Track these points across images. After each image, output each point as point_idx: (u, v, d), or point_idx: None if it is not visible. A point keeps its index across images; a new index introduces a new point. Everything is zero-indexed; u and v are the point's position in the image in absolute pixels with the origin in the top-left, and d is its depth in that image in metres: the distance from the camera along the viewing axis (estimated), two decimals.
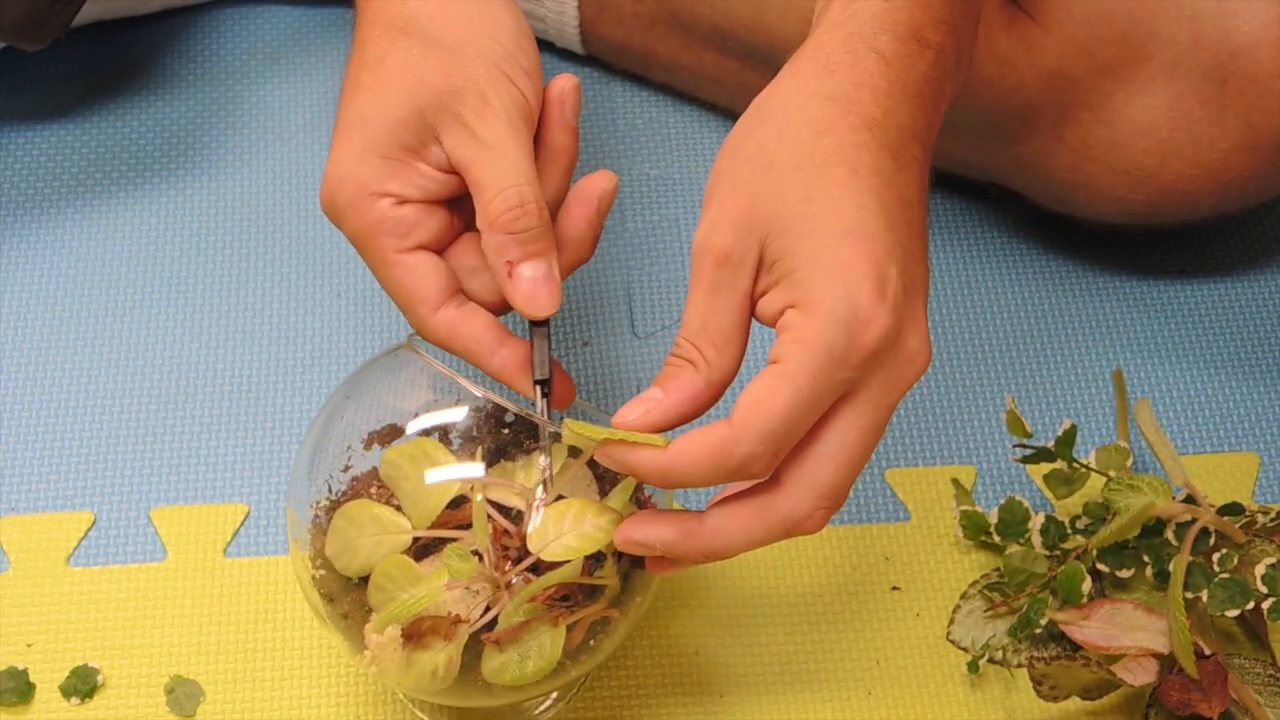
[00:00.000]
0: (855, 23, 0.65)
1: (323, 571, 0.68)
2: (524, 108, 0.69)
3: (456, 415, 0.70)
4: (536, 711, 0.77)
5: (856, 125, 0.63)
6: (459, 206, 0.71)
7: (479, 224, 0.68)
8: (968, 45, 0.69)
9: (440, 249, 0.71)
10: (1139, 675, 0.74)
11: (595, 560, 0.67)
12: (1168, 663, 0.73)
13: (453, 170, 0.69)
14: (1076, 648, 0.76)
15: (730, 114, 0.98)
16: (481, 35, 0.69)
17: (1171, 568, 0.76)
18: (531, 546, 0.66)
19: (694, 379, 0.64)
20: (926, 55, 0.66)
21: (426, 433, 0.69)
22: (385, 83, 0.69)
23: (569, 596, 0.67)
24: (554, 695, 0.77)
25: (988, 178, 0.92)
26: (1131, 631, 0.75)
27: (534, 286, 0.67)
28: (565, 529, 0.65)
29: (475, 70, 0.68)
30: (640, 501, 0.70)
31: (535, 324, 0.69)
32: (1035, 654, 0.79)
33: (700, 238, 0.64)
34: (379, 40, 0.70)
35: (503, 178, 0.67)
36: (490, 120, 0.67)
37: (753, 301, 0.64)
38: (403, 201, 0.69)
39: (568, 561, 0.66)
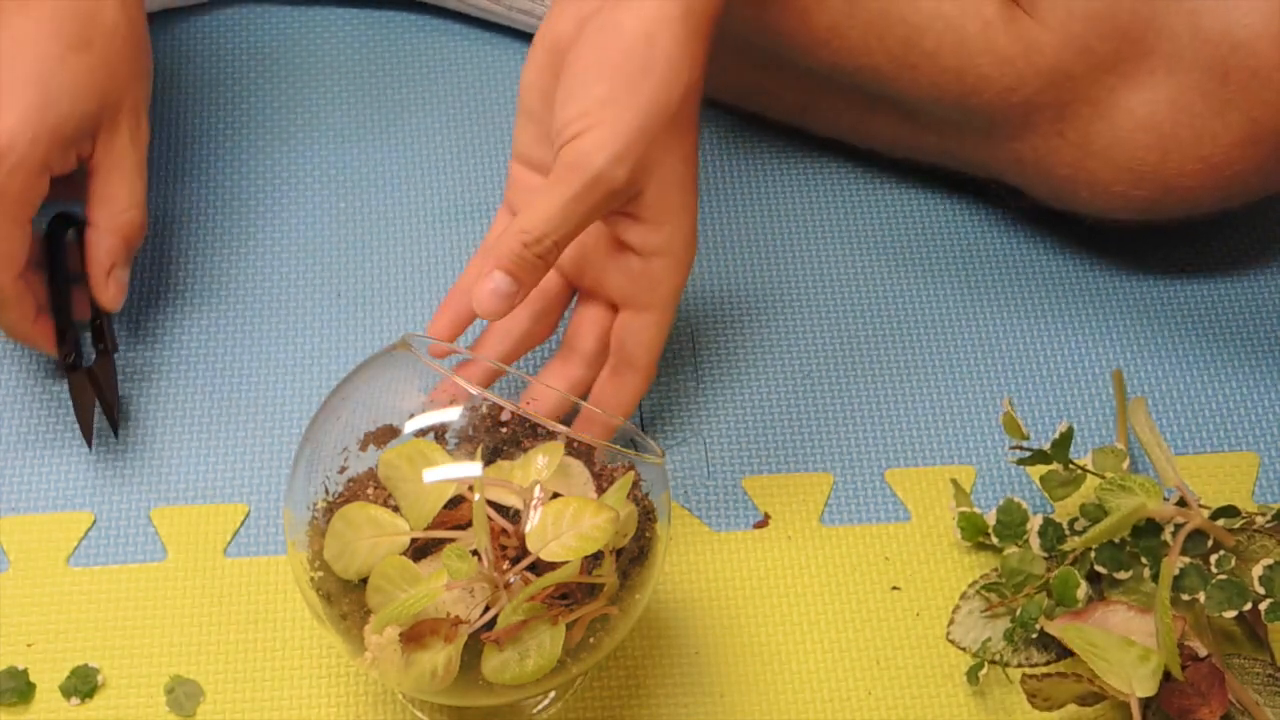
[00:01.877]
0: None
1: (321, 573, 0.68)
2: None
3: (452, 415, 0.70)
4: (535, 710, 0.77)
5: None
6: None
7: (102, 225, 0.82)
8: None
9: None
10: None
11: (593, 558, 0.67)
12: (1141, 704, 0.73)
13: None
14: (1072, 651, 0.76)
15: (730, 112, 0.98)
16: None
17: (1160, 570, 0.76)
18: (530, 546, 0.66)
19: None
20: None
21: (422, 433, 0.69)
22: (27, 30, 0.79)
23: (568, 595, 0.67)
24: (552, 694, 0.77)
25: (988, 175, 0.92)
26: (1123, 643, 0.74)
27: (121, 290, 0.83)
28: (564, 528, 0.65)
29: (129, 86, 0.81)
30: (638, 499, 0.70)
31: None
32: (1032, 657, 0.79)
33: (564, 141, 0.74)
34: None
35: (131, 197, 0.82)
36: (136, 141, 0.82)
37: None
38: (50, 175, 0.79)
39: (567, 561, 0.66)
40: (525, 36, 1.01)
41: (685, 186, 0.77)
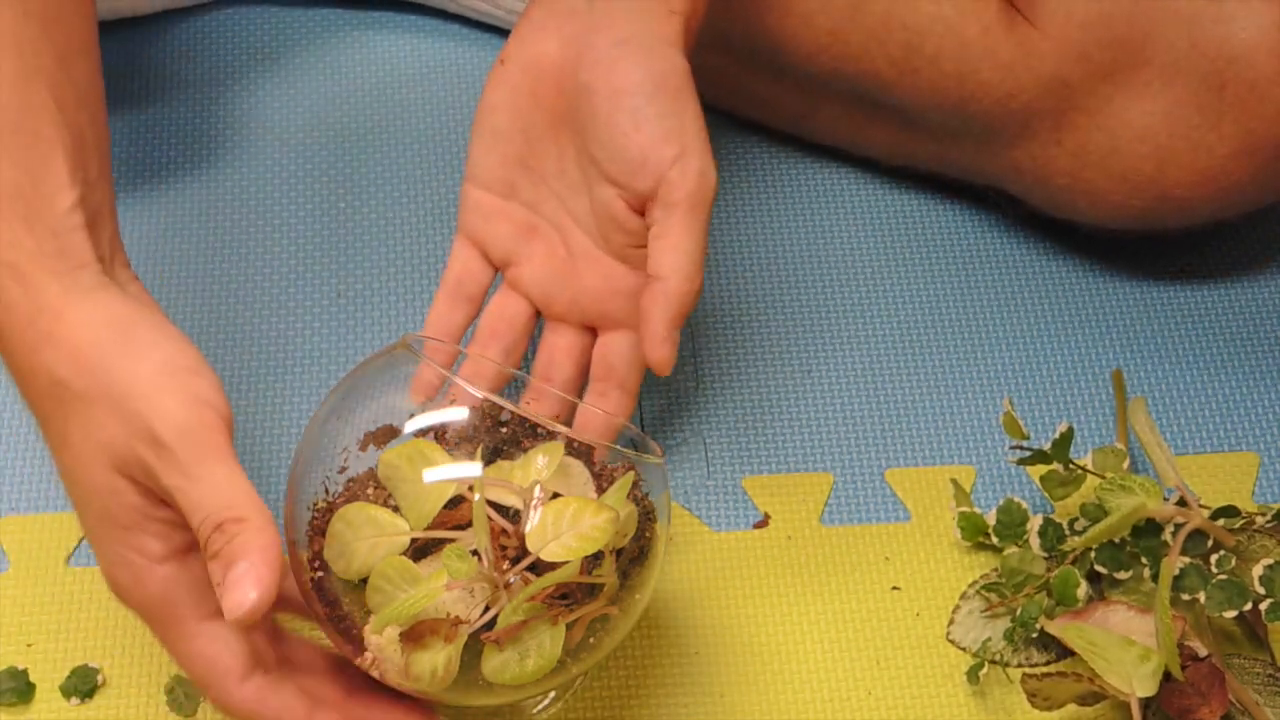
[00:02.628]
0: None
1: (321, 574, 0.68)
2: (202, 408, 0.63)
3: (453, 415, 0.70)
4: (535, 710, 0.77)
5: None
6: None
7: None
8: None
9: None
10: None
11: (594, 558, 0.67)
12: (1141, 704, 0.73)
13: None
14: (1071, 651, 0.76)
15: (729, 115, 0.98)
16: (137, 370, 0.63)
17: (1160, 570, 0.76)
18: (530, 546, 0.66)
19: None
20: None
21: (422, 433, 0.69)
22: (80, 461, 0.65)
23: (568, 595, 0.67)
24: (552, 694, 0.77)
25: (986, 182, 0.92)
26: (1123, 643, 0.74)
27: (238, 586, 0.61)
28: (564, 528, 0.65)
29: (143, 415, 0.63)
30: (638, 499, 0.70)
31: None
32: (1032, 657, 0.79)
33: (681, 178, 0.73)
34: (53, 418, 0.65)
35: (196, 510, 0.62)
36: (168, 458, 0.62)
37: None
38: (185, 553, 0.66)
39: (567, 561, 0.66)
40: None
41: None
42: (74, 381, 0.63)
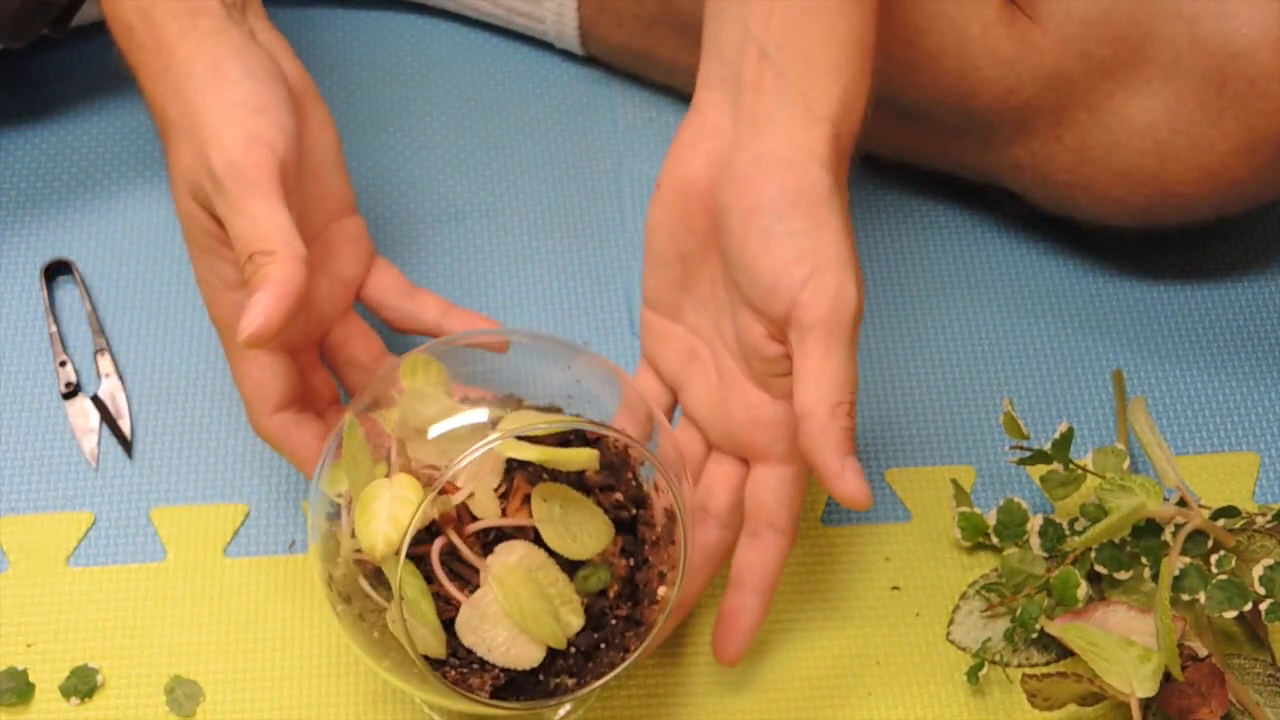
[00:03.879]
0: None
1: (341, 571, 0.68)
2: (257, 147, 0.71)
3: (477, 417, 0.70)
4: (555, 718, 0.77)
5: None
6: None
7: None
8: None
9: (300, 344, 0.77)
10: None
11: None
12: (1141, 704, 0.73)
13: None
14: (1071, 651, 0.76)
15: None
16: (211, 104, 0.71)
17: (1160, 570, 0.76)
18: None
19: None
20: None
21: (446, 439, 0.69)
22: (174, 186, 0.74)
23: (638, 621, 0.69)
24: (568, 706, 0.77)
25: (986, 180, 0.92)
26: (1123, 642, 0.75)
27: (244, 314, 0.68)
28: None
29: (205, 146, 0.70)
30: (668, 511, 0.70)
31: None
32: (1032, 657, 0.79)
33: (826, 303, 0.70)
34: (166, 147, 0.74)
35: (237, 241, 0.70)
36: (219, 190, 0.70)
37: None
38: (233, 285, 0.74)
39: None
40: (523, 39, 1.01)
41: None
42: (170, 112, 0.72)
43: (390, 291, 0.80)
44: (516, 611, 0.66)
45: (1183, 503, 0.80)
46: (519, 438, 0.66)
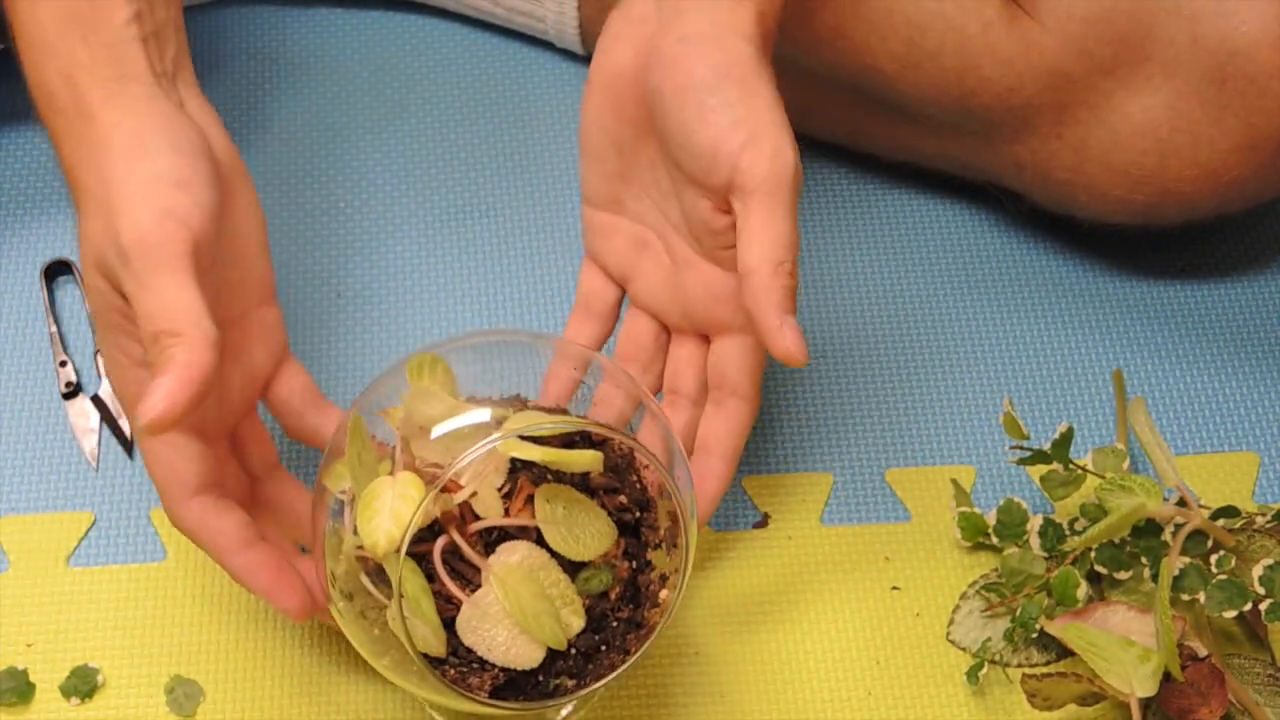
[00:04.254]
0: None
1: (343, 568, 0.68)
2: (172, 222, 0.66)
3: (480, 417, 0.70)
4: (558, 717, 0.77)
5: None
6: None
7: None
8: None
9: (213, 432, 0.71)
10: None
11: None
12: (1141, 704, 0.73)
13: None
14: (1071, 651, 0.76)
15: None
16: (128, 174, 0.67)
17: (1160, 570, 0.76)
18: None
19: None
20: None
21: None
22: (82, 258, 0.69)
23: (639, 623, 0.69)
24: (571, 705, 0.77)
25: (987, 178, 0.92)
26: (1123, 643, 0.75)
27: (145, 399, 0.64)
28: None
29: (115, 217, 0.66)
30: (669, 511, 0.70)
31: None
32: (1032, 657, 0.79)
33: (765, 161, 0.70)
34: (79, 215, 0.70)
35: (142, 320, 0.65)
36: (126, 265, 0.66)
37: None
38: (141, 363, 0.68)
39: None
40: (524, 38, 1.01)
41: None
42: (85, 180, 0.68)
43: (297, 397, 0.74)
44: (518, 611, 0.66)
45: (1183, 503, 0.80)
46: (522, 438, 0.66)
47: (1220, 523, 0.79)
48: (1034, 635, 0.78)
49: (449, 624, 0.67)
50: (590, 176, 0.79)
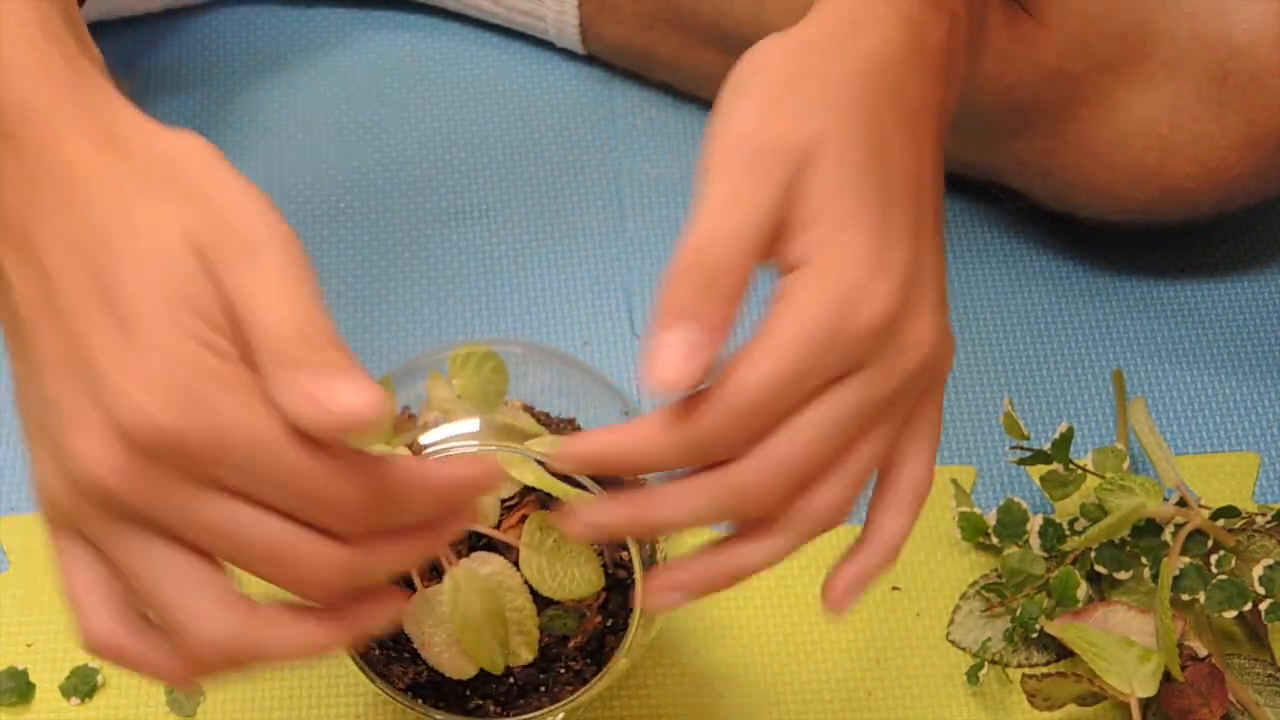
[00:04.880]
0: None
1: None
2: (291, 238, 0.55)
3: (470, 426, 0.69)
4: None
5: (883, 91, 0.57)
6: None
7: (265, 380, 0.49)
8: (979, 20, 0.64)
9: None
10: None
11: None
12: (1141, 705, 0.73)
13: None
14: (1071, 651, 0.76)
15: None
16: (225, 177, 0.57)
17: (1160, 570, 0.76)
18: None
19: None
20: (943, 22, 0.59)
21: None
22: (150, 240, 0.53)
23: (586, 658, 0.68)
24: (560, 716, 0.77)
25: (987, 176, 0.92)
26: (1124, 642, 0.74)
27: (338, 395, 0.49)
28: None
29: (231, 210, 0.55)
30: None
31: None
32: (1032, 657, 0.79)
33: (752, 122, 0.55)
34: (110, 204, 0.54)
35: (274, 318, 0.50)
36: (259, 263, 0.52)
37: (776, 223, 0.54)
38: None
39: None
40: (524, 38, 1.01)
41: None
42: (163, 175, 0.54)
43: None
44: (458, 621, 0.65)
45: (1183, 503, 0.80)
46: (537, 461, 0.65)
47: (1220, 523, 0.79)
48: (1034, 635, 0.78)
49: None
50: None
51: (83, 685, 0.77)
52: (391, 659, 0.67)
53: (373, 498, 0.50)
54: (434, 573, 0.67)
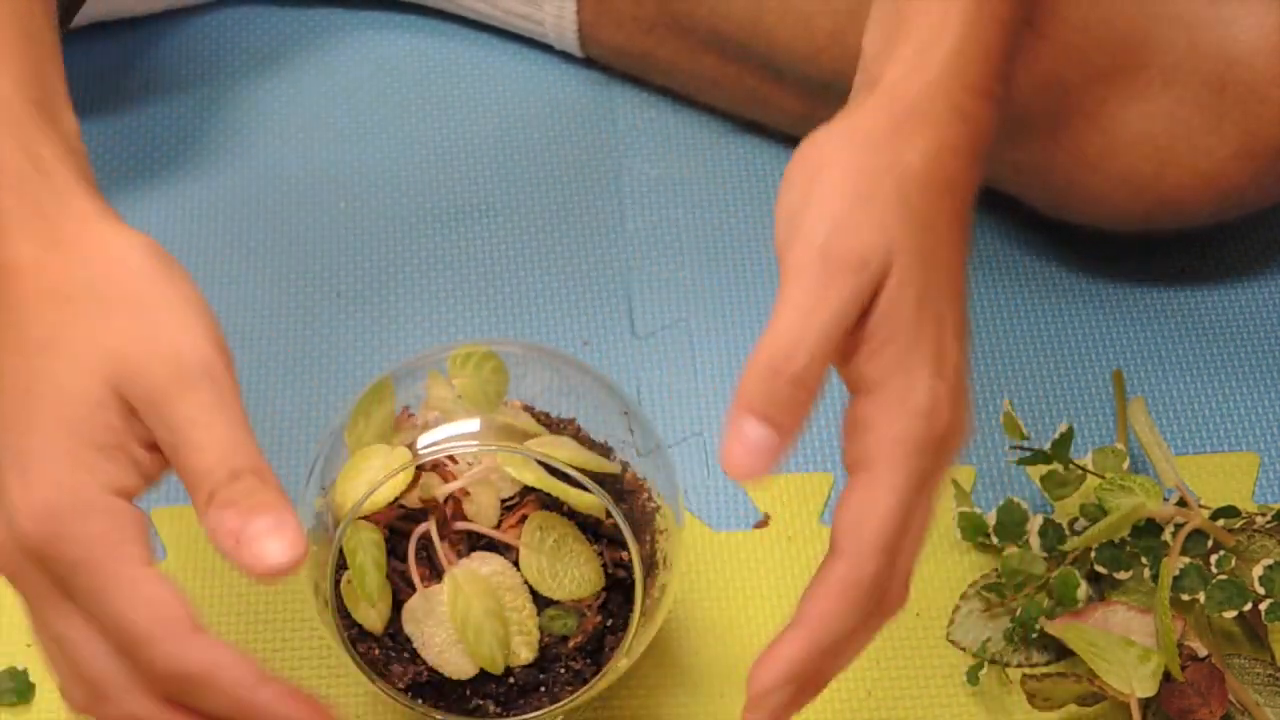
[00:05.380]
0: (931, 70, 0.61)
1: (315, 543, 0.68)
2: (224, 355, 0.58)
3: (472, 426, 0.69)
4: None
5: (941, 189, 0.61)
6: None
7: (197, 509, 0.56)
8: (1009, 91, 0.66)
9: None
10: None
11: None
12: (1141, 705, 0.73)
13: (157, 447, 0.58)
14: (1071, 651, 0.76)
15: (730, 117, 0.98)
16: (167, 290, 0.58)
17: (1160, 570, 0.76)
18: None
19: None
20: (990, 111, 0.63)
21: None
22: (70, 364, 0.57)
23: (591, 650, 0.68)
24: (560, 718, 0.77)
25: (985, 183, 0.92)
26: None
27: (261, 540, 0.55)
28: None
29: (165, 330, 0.57)
30: (646, 510, 0.69)
31: None
32: (1032, 657, 0.79)
33: (826, 233, 0.58)
34: (41, 319, 0.57)
35: (209, 451, 0.56)
36: (189, 388, 0.56)
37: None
38: (122, 492, 0.57)
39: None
40: (523, 40, 1.01)
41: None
42: (102, 284, 0.58)
43: None
44: (458, 620, 0.66)
45: (1183, 503, 0.80)
46: (540, 463, 0.65)
47: (1220, 523, 0.79)
48: (1034, 635, 0.78)
49: (402, 607, 0.67)
50: None
51: None
52: (391, 659, 0.67)
53: (176, 673, 0.56)
54: (434, 573, 0.67)
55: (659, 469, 0.70)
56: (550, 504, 0.68)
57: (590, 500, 0.66)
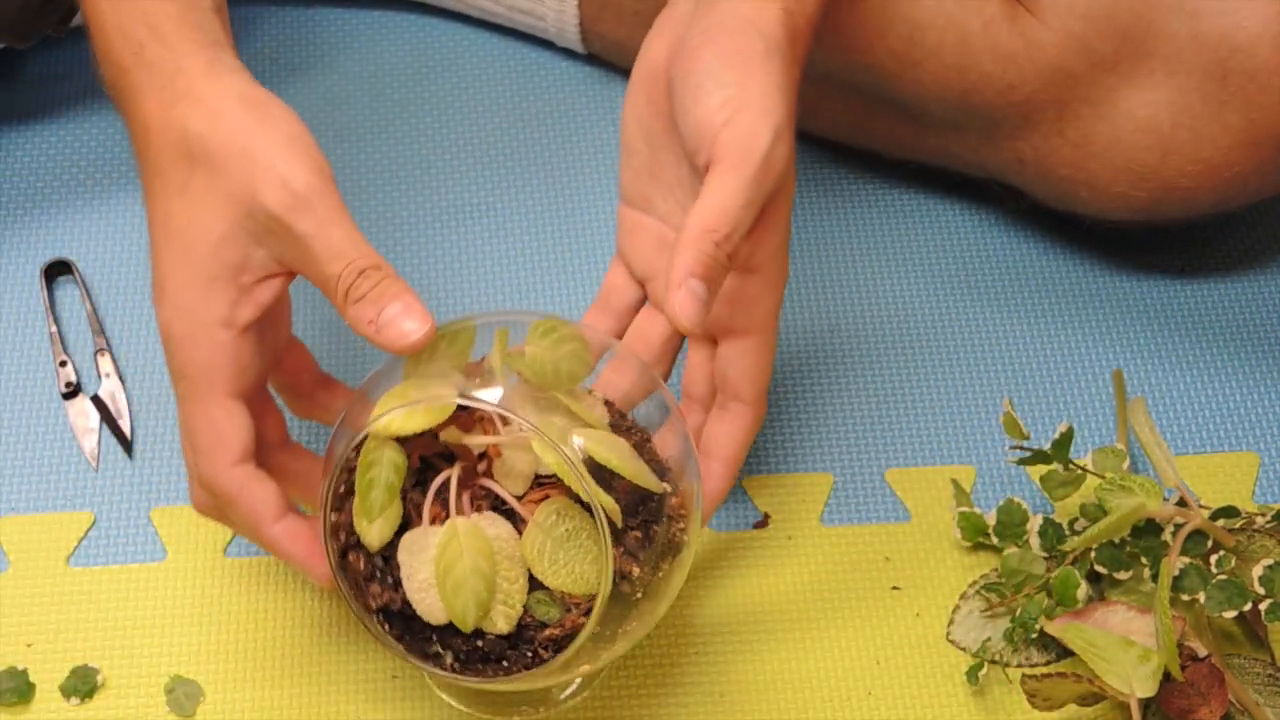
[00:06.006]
0: None
1: (336, 515, 0.68)
2: (326, 177, 0.68)
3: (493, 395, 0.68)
4: (560, 696, 0.77)
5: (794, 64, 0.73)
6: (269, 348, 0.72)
7: (338, 307, 0.67)
8: None
9: (255, 394, 0.71)
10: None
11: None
12: (1141, 705, 0.73)
13: (275, 275, 0.69)
14: (1071, 651, 0.76)
15: None
16: (265, 131, 0.68)
17: (1160, 570, 0.76)
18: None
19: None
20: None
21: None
22: (199, 207, 0.68)
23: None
24: (578, 681, 0.77)
25: (989, 175, 0.92)
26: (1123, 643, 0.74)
27: (396, 323, 0.66)
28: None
29: (270, 166, 0.67)
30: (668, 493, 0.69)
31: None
32: (1032, 657, 0.79)
33: (741, 128, 0.70)
34: (176, 167, 0.69)
35: (337, 256, 0.67)
36: (305, 207, 0.67)
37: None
38: (244, 329, 0.69)
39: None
40: (524, 37, 1.01)
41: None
42: (210, 136, 0.68)
43: (305, 376, 0.75)
44: (440, 568, 0.65)
45: (1182, 503, 0.80)
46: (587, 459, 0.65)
47: (1220, 523, 0.79)
48: (1034, 635, 0.78)
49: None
50: (625, 172, 0.78)
51: (82, 685, 0.77)
52: (375, 578, 0.67)
53: (211, 489, 0.70)
54: (448, 515, 0.67)
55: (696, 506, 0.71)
56: (579, 497, 0.67)
57: (608, 502, 0.65)
